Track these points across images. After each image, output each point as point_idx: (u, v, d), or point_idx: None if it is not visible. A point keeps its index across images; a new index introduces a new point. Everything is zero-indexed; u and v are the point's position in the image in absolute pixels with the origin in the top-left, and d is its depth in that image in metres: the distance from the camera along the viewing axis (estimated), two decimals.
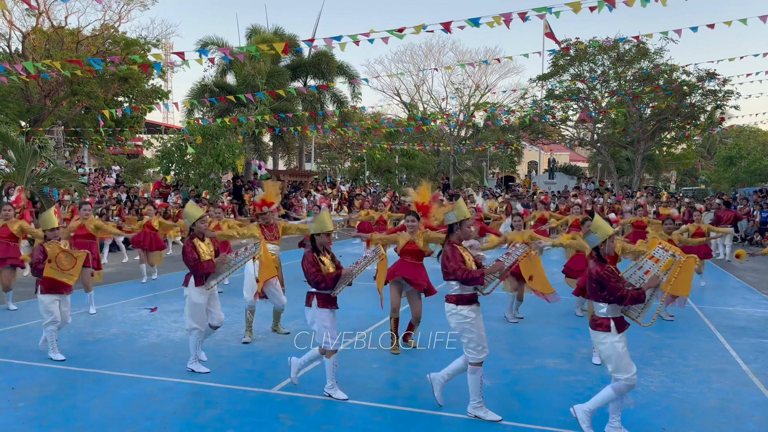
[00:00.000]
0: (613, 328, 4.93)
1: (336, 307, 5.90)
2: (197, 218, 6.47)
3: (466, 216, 5.53)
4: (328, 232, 5.93)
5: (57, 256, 6.81)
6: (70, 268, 6.90)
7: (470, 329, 5.31)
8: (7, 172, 17.32)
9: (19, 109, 29.05)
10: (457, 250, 5.42)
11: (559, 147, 49.60)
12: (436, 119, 41.86)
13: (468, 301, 5.37)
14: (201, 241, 6.47)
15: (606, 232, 5.08)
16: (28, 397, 5.76)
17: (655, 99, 33.02)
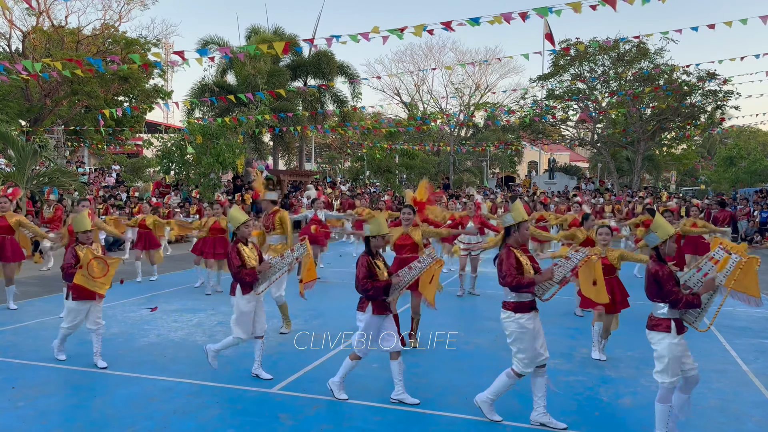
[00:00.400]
0: (673, 329, 4.77)
1: (390, 312, 5.76)
2: (241, 223, 6.30)
3: (524, 218, 5.30)
4: (384, 235, 5.78)
5: (89, 262, 6.50)
6: (101, 276, 6.57)
7: (524, 339, 5.10)
8: (8, 172, 17.34)
9: (20, 108, 29.06)
10: (512, 255, 5.18)
11: (559, 147, 49.63)
12: (436, 119, 41.87)
13: (528, 308, 5.14)
14: (245, 245, 6.31)
15: (667, 231, 4.93)
16: (28, 397, 5.76)
17: (655, 99, 33.03)
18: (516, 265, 5.12)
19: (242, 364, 6.93)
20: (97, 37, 31.22)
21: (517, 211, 5.31)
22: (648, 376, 6.62)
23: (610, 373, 6.79)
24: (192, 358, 7.16)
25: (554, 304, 8.42)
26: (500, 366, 6.92)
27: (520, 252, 5.25)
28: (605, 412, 5.66)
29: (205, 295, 11.01)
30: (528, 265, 5.21)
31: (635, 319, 9.42)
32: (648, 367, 6.99)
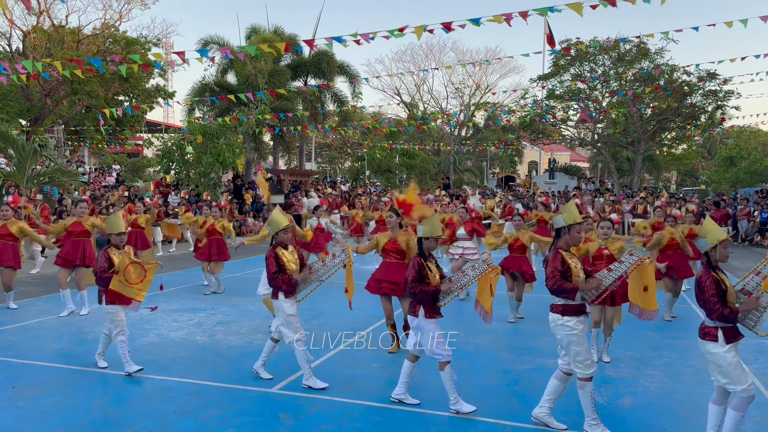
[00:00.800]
0: (721, 338, 4.55)
1: (440, 316, 5.58)
2: (282, 227, 6.12)
3: (576, 220, 5.13)
4: (437, 237, 5.61)
5: (126, 267, 6.18)
6: (138, 282, 6.29)
7: (578, 341, 4.99)
8: (8, 171, 17.34)
9: (20, 107, 29.08)
10: (559, 257, 5.06)
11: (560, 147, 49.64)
12: (437, 119, 41.87)
13: (575, 312, 5.02)
14: (285, 249, 6.14)
15: (717, 236, 4.77)
16: (28, 396, 5.76)
17: (655, 99, 33.04)
18: (562, 269, 5.00)
19: (242, 363, 6.93)
20: (97, 37, 31.23)
21: (568, 213, 5.17)
22: (648, 377, 6.64)
23: (609, 373, 6.79)
24: (192, 358, 7.16)
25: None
26: (500, 366, 6.95)
27: (569, 255, 5.11)
28: (605, 413, 5.65)
29: (203, 295, 11.02)
30: (578, 269, 5.07)
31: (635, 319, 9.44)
32: (648, 367, 7.01)
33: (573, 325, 4.97)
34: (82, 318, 9.09)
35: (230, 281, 12.66)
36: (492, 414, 5.50)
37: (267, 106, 25.39)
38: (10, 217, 9.77)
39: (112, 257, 6.30)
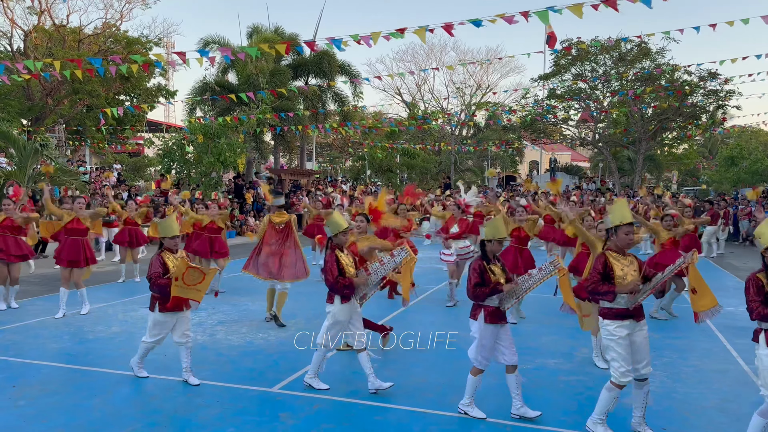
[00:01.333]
0: (762, 340, 4.51)
1: (505, 322, 5.34)
2: (341, 230, 5.98)
3: (623, 220, 4.93)
4: (500, 239, 5.37)
5: (185, 273, 5.88)
6: (198, 283, 5.97)
7: (614, 347, 4.85)
8: (9, 170, 17.37)
9: (21, 107, 29.11)
10: (602, 259, 4.92)
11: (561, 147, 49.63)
12: (438, 118, 41.85)
13: (616, 316, 4.85)
14: (341, 252, 5.99)
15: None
16: (28, 396, 5.76)
17: (656, 99, 33.03)
18: (602, 271, 4.88)
19: (243, 363, 6.94)
20: (98, 36, 31.26)
21: (615, 213, 5.02)
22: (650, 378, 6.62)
23: (609, 373, 6.77)
24: (193, 358, 7.14)
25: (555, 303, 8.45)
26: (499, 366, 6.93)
27: (617, 257, 4.94)
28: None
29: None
30: (623, 271, 4.87)
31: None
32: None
33: (612, 330, 4.86)
34: (82, 317, 9.10)
35: (230, 280, 12.66)
36: (493, 414, 5.49)
37: (268, 106, 25.38)
38: (12, 210, 9.75)
39: (167, 262, 6.04)
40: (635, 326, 4.88)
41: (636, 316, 4.88)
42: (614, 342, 4.85)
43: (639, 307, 4.93)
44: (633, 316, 4.87)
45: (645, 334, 4.93)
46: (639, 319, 4.91)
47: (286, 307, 8.96)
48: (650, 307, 9.78)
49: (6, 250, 9.43)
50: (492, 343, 5.28)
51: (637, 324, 4.89)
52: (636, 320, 4.88)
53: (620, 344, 4.83)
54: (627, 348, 4.84)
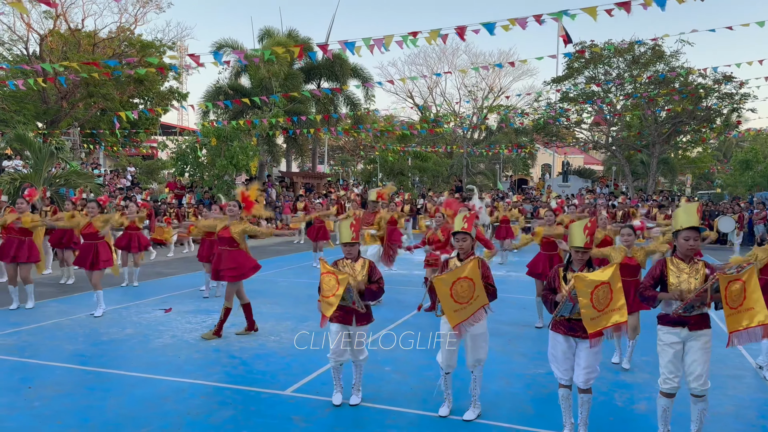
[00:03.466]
0: None
1: (570, 334, 4.86)
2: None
3: (681, 225, 4.73)
4: (577, 248, 4.91)
5: (321, 276, 5.54)
6: (330, 296, 5.49)
7: (663, 354, 4.76)
8: (25, 173, 17.54)
9: (37, 110, 29.41)
10: (660, 263, 4.81)
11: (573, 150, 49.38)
12: (449, 121, 41.81)
13: (667, 323, 4.75)
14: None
15: None
16: (43, 396, 5.81)
17: (670, 102, 32.83)
18: (657, 276, 4.79)
19: (255, 365, 6.96)
20: (113, 40, 31.53)
21: (676, 217, 4.84)
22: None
23: (624, 377, 6.74)
24: (205, 360, 7.20)
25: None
26: (513, 370, 6.91)
27: (676, 263, 4.76)
28: (619, 417, 5.63)
29: (216, 297, 11.02)
30: (679, 279, 4.68)
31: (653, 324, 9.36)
32: None
33: (661, 335, 4.79)
34: (96, 319, 9.16)
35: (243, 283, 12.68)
36: (505, 419, 5.47)
37: (280, 109, 25.49)
38: (25, 211, 9.83)
39: (339, 268, 5.75)
40: (689, 336, 4.70)
41: (692, 325, 4.68)
42: (660, 348, 4.79)
43: (698, 317, 4.69)
44: (686, 325, 4.69)
45: (702, 345, 4.69)
46: (695, 329, 4.68)
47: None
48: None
49: (16, 252, 9.54)
50: (559, 353, 4.95)
51: (691, 334, 4.69)
52: (691, 329, 4.68)
53: (666, 351, 4.74)
54: (674, 356, 4.71)
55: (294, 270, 15.14)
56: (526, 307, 10.37)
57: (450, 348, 5.41)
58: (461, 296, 5.09)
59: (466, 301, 5.10)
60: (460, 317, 5.10)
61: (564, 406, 5.00)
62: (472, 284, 5.13)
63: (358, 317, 5.60)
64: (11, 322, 8.88)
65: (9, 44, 31.05)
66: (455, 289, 5.08)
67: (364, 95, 34.37)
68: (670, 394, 4.79)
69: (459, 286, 5.10)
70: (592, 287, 4.56)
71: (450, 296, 5.08)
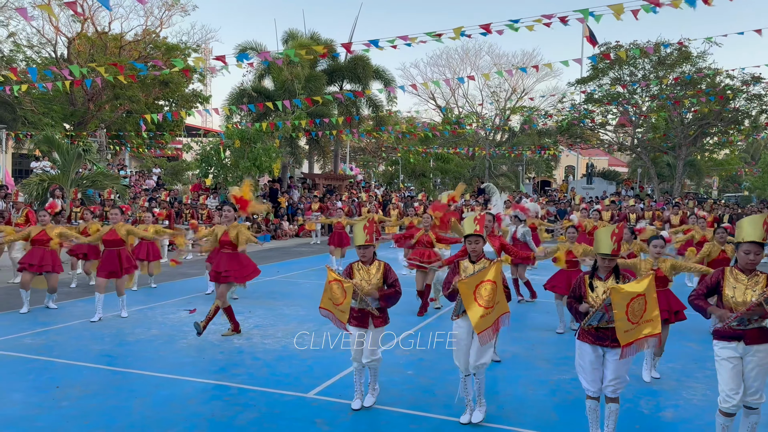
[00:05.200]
0: None
1: (598, 343, 4.74)
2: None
3: (743, 238, 4.55)
4: (603, 255, 4.79)
5: (329, 283, 5.53)
6: (339, 304, 5.46)
7: (720, 369, 4.61)
8: (53, 174, 17.83)
9: (64, 112, 29.91)
10: (717, 274, 4.68)
11: (598, 151, 48.89)
12: (472, 123, 41.61)
13: (722, 337, 4.59)
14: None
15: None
16: (71, 396, 5.89)
17: (697, 103, 32.35)
18: (711, 285, 4.66)
19: (278, 367, 6.99)
20: (138, 43, 31.95)
21: (738, 229, 4.66)
22: (690, 390, 6.47)
23: (651, 385, 6.64)
24: (229, 361, 7.25)
25: None
26: (537, 376, 6.85)
27: (735, 274, 4.61)
28: (646, 426, 5.54)
29: (238, 299, 11.09)
30: (734, 291, 4.55)
31: (680, 332, 9.21)
32: (689, 379, 6.84)
33: (717, 350, 4.65)
34: (122, 320, 9.28)
35: (266, 284, 12.78)
36: (530, 425, 5.43)
37: (303, 111, 25.61)
38: (47, 223, 9.97)
39: (354, 271, 5.75)
40: (747, 350, 4.54)
41: (748, 339, 4.53)
42: (718, 363, 4.64)
43: (755, 331, 4.53)
44: (742, 339, 4.54)
45: (759, 361, 4.53)
46: (752, 343, 4.52)
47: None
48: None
49: (40, 262, 9.64)
50: (587, 363, 4.82)
51: (748, 348, 4.53)
52: (747, 344, 4.53)
53: (725, 366, 4.59)
54: (732, 371, 4.55)
55: (315, 272, 15.18)
56: (549, 312, 10.28)
57: (466, 350, 5.38)
58: (486, 300, 5.05)
59: (491, 306, 5.07)
60: (486, 323, 5.07)
61: (591, 418, 4.93)
62: (495, 287, 5.10)
63: (374, 319, 5.60)
64: (39, 321, 9.04)
65: (38, 47, 31.62)
66: (479, 293, 5.06)
67: (387, 97, 34.37)
68: (731, 414, 4.62)
69: (483, 289, 5.07)
70: (628, 299, 4.49)
71: (475, 300, 5.05)
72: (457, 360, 5.46)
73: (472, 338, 5.30)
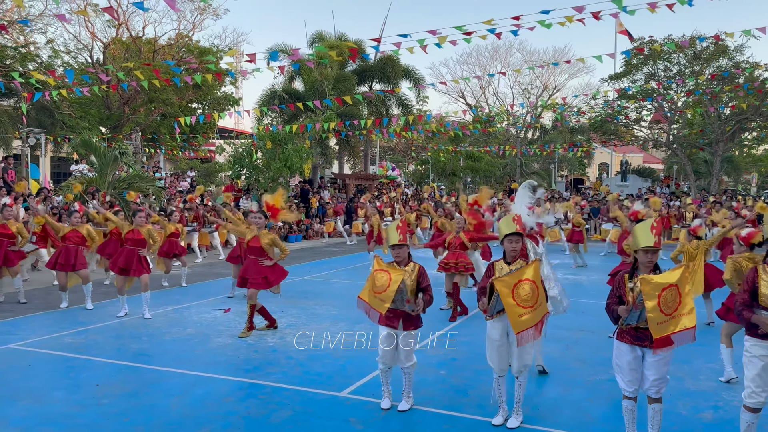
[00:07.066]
0: None
1: (637, 343, 4.63)
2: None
3: None
4: (645, 249, 4.64)
5: (373, 274, 5.52)
6: (381, 293, 5.40)
7: (748, 365, 4.58)
8: (90, 177, 18.23)
9: (100, 116, 30.55)
10: (752, 274, 4.61)
11: (632, 148, 48.08)
12: (502, 121, 41.28)
13: (756, 334, 4.53)
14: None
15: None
16: (110, 394, 6.02)
17: (735, 98, 31.55)
18: (750, 287, 4.58)
19: (312, 366, 7.04)
20: (172, 47, 32.44)
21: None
22: (731, 390, 6.32)
23: (689, 385, 6.51)
24: (264, 360, 7.33)
25: None
26: (572, 377, 6.77)
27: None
28: (684, 427, 5.44)
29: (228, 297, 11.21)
30: None
31: (714, 330, 9.01)
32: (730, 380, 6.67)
33: (749, 347, 4.59)
34: (160, 319, 9.44)
35: (298, 284, 12.88)
36: (565, 426, 5.37)
37: (333, 112, 25.74)
38: (78, 223, 10.33)
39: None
40: None
41: None
42: (747, 360, 4.59)
43: None
44: None
45: None
46: None
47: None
48: None
49: (68, 261, 9.99)
50: (624, 363, 4.71)
51: None
52: None
53: (754, 363, 4.54)
54: (763, 369, 4.50)
55: (347, 271, 15.25)
56: (584, 312, 10.16)
57: (500, 350, 5.34)
58: (525, 300, 4.99)
59: (531, 306, 5.01)
60: (527, 323, 5.00)
61: (627, 419, 4.85)
62: (535, 287, 5.04)
63: (405, 321, 5.54)
64: (79, 321, 9.25)
65: (75, 53, 32.35)
66: (517, 292, 5.00)
67: (416, 96, 34.32)
68: (756, 409, 4.55)
69: (521, 288, 5.01)
70: (659, 290, 4.40)
71: (513, 299, 4.99)
72: (490, 360, 5.43)
73: (507, 339, 5.28)
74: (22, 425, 5.25)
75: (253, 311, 8.53)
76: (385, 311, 5.42)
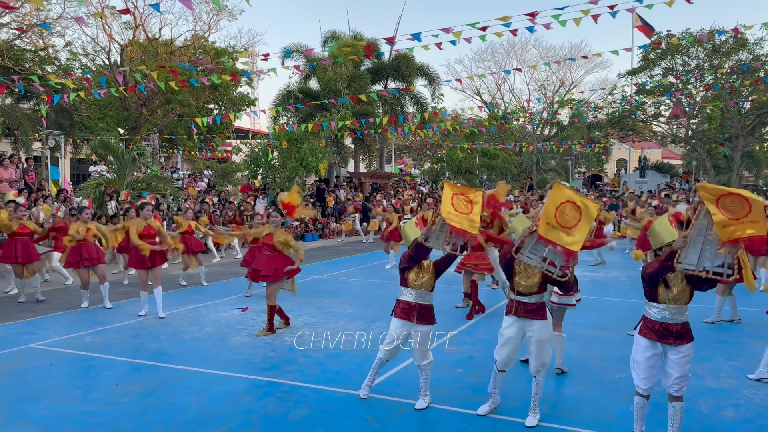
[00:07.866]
0: None
1: (661, 340, 4.56)
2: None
3: None
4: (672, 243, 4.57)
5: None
6: (469, 213, 5.21)
7: None
8: (109, 178, 18.41)
9: (118, 117, 30.84)
10: None
11: (651, 144, 47.60)
12: (518, 117, 41.04)
13: None
14: None
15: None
16: (130, 393, 6.08)
17: (755, 92, 31.09)
18: None
19: (329, 364, 7.05)
20: (188, 48, 32.66)
21: None
22: (752, 388, 6.24)
23: (710, 383, 6.44)
24: (281, 358, 7.36)
25: None
26: (591, 375, 6.72)
27: None
28: (705, 425, 5.37)
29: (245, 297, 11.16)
30: None
31: (736, 326, 8.91)
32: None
33: None
34: (178, 318, 9.51)
35: (315, 283, 12.91)
36: (585, 424, 5.33)
37: (348, 111, 25.76)
38: (88, 220, 10.59)
39: None
40: None
41: None
42: None
43: None
44: None
45: None
46: None
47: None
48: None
49: (89, 255, 10.24)
50: (642, 359, 4.65)
51: None
52: None
53: None
54: None
55: (364, 270, 15.26)
56: (602, 309, 10.08)
57: (510, 349, 5.35)
58: (566, 220, 4.74)
59: (574, 225, 4.70)
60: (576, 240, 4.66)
61: (637, 414, 4.82)
62: (574, 205, 4.72)
63: (419, 315, 5.59)
64: (99, 320, 9.35)
65: (93, 55, 32.70)
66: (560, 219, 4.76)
67: (431, 94, 34.25)
68: None
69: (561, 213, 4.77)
70: (718, 195, 4.12)
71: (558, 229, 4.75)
72: (497, 354, 5.46)
73: (522, 339, 5.30)
74: (44, 424, 5.32)
75: (272, 312, 8.54)
76: (476, 230, 5.19)
